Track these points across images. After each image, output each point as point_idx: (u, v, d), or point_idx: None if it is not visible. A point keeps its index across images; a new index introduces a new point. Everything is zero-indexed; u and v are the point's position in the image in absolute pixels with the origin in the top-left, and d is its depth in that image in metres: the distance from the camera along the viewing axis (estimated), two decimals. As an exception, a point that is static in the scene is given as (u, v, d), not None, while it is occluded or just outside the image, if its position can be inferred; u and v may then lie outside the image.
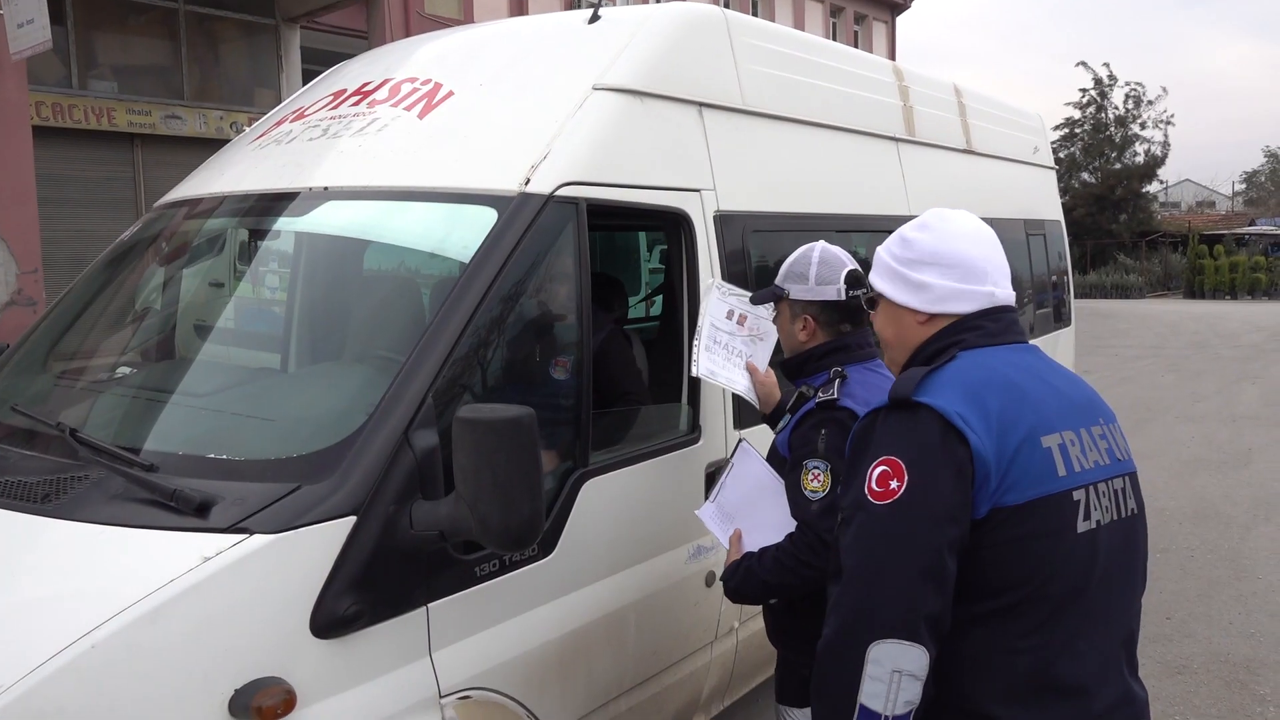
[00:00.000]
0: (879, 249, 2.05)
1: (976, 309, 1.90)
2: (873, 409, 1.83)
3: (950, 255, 1.92)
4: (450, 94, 3.20)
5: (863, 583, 1.70)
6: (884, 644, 1.64)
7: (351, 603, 2.18)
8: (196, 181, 3.63)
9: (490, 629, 2.54)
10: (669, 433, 3.25)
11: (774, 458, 2.76)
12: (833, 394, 2.59)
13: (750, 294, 3.09)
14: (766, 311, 3.03)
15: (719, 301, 3.07)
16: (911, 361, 1.95)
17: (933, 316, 1.93)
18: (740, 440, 2.81)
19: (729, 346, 3.05)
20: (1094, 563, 1.75)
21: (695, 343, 3.01)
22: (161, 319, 3.47)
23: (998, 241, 1.98)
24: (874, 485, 1.72)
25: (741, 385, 3.04)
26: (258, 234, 3.36)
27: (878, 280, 2.02)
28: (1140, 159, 39.62)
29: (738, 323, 3.08)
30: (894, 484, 1.70)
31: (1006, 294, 1.94)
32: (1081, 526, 1.74)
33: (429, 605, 2.37)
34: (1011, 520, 1.69)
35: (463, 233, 2.75)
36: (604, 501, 2.86)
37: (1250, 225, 43.17)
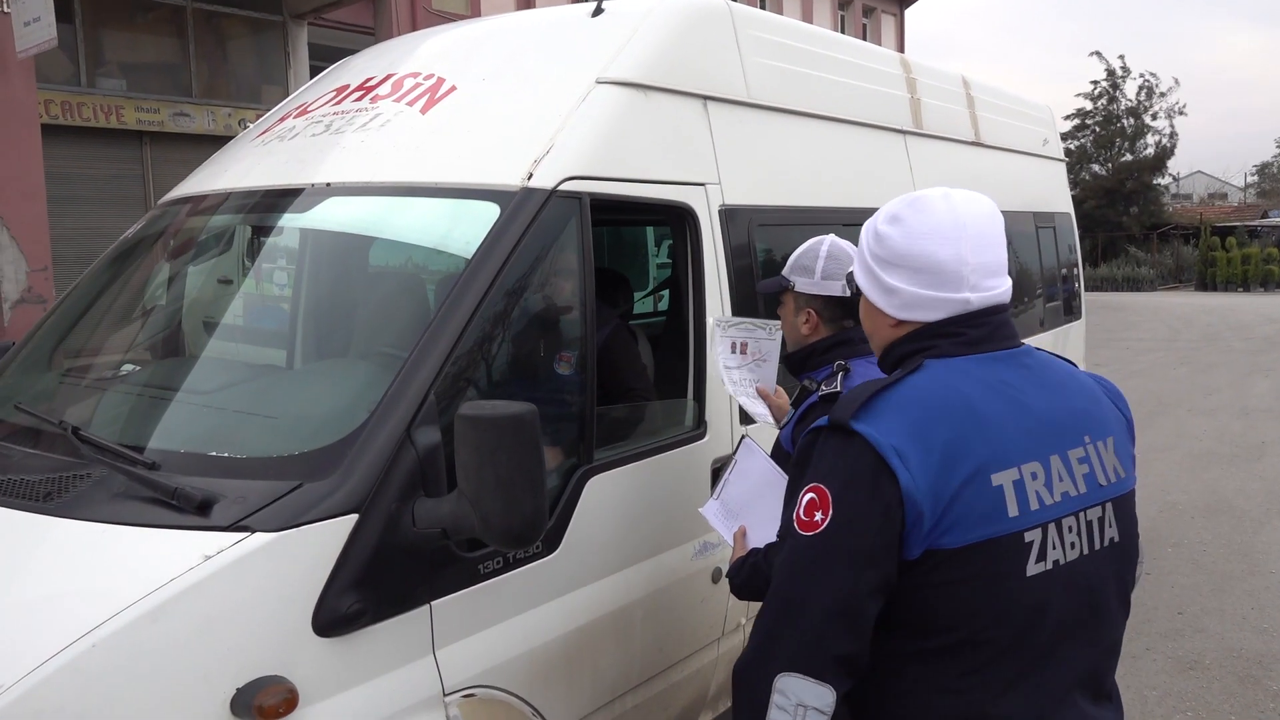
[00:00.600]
0: (861, 231, 1.90)
1: (947, 316, 1.73)
2: (815, 426, 1.72)
3: (919, 258, 1.73)
4: (453, 89, 3.19)
5: (777, 613, 1.65)
6: (790, 677, 1.59)
7: (354, 601, 2.17)
8: (200, 178, 3.62)
9: (494, 627, 2.53)
10: (674, 429, 3.23)
11: (778, 453, 2.74)
12: (836, 387, 2.57)
13: (745, 320, 3.07)
14: (765, 333, 3.01)
15: (721, 339, 3.01)
16: (884, 360, 1.85)
17: (902, 320, 1.79)
18: (743, 436, 2.80)
19: (742, 380, 3.02)
20: (1047, 606, 1.63)
21: (732, 395, 2.96)
22: (165, 316, 3.47)
23: (989, 229, 1.76)
24: (802, 513, 1.64)
25: (768, 418, 3.00)
26: (261, 231, 3.35)
27: (856, 271, 1.90)
28: (1151, 151, 39.41)
29: (741, 353, 3.06)
30: (819, 516, 1.61)
31: (987, 297, 1.73)
32: (1033, 569, 1.61)
33: (432, 603, 2.36)
34: (950, 563, 1.58)
35: (465, 228, 2.74)
36: (608, 498, 2.84)
37: (1263, 217, 42.89)
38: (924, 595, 1.60)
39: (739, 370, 3.02)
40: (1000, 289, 1.76)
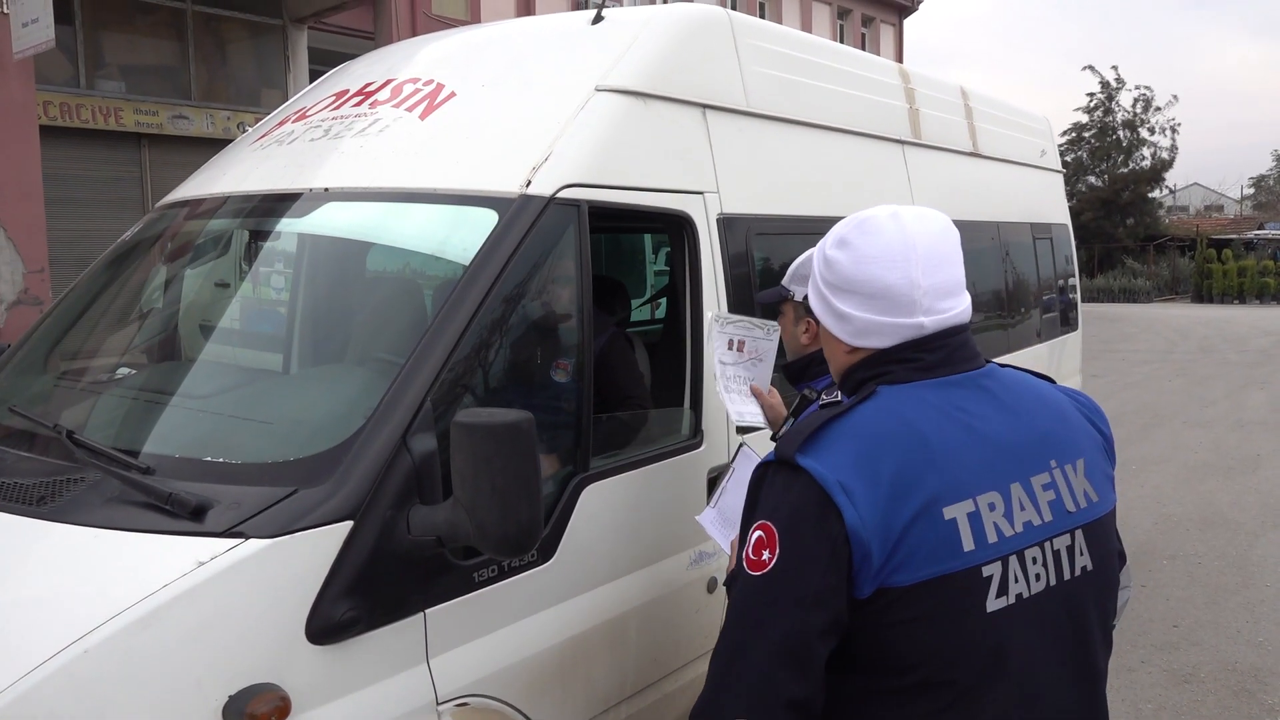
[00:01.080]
0: (815, 250, 1.84)
1: (901, 341, 1.67)
2: (764, 460, 1.66)
3: (868, 284, 1.66)
4: (452, 95, 3.18)
5: (727, 657, 1.57)
6: None
7: (348, 608, 2.16)
8: (198, 182, 3.62)
9: (489, 635, 2.52)
10: (671, 437, 3.22)
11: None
12: (836, 396, 2.57)
13: (744, 318, 3.07)
14: (763, 333, 3.01)
15: (719, 335, 3.01)
16: (842, 386, 1.81)
17: (855, 347, 1.73)
18: (741, 444, 2.79)
19: (736, 378, 3.02)
20: (1010, 643, 1.56)
21: (718, 391, 2.96)
22: (162, 320, 3.46)
23: (941, 248, 1.68)
24: (750, 552, 1.57)
25: (761, 419, 3.00)
26: (258, 235, 3.34)
27: (810, 295, 1.83)
28: (1147, 163, 39.52)
29: (738, 350, 3.05)
30: (766, 554, 1.54)
31: (941, 319, 1.66)
32: (993, 605, 1.54)
33: (426, 611, 2.35)
34: (903, 601, 1.51)
35: (463, 235, 2.73)
36: (604, 507, 2.84)
37: (1259, 229, 43.03)
38: (880, 634, 1.54)
39: (734, 367, 3.01)
40: (956, 310, 1.69)
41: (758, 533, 1.58)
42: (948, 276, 1.69)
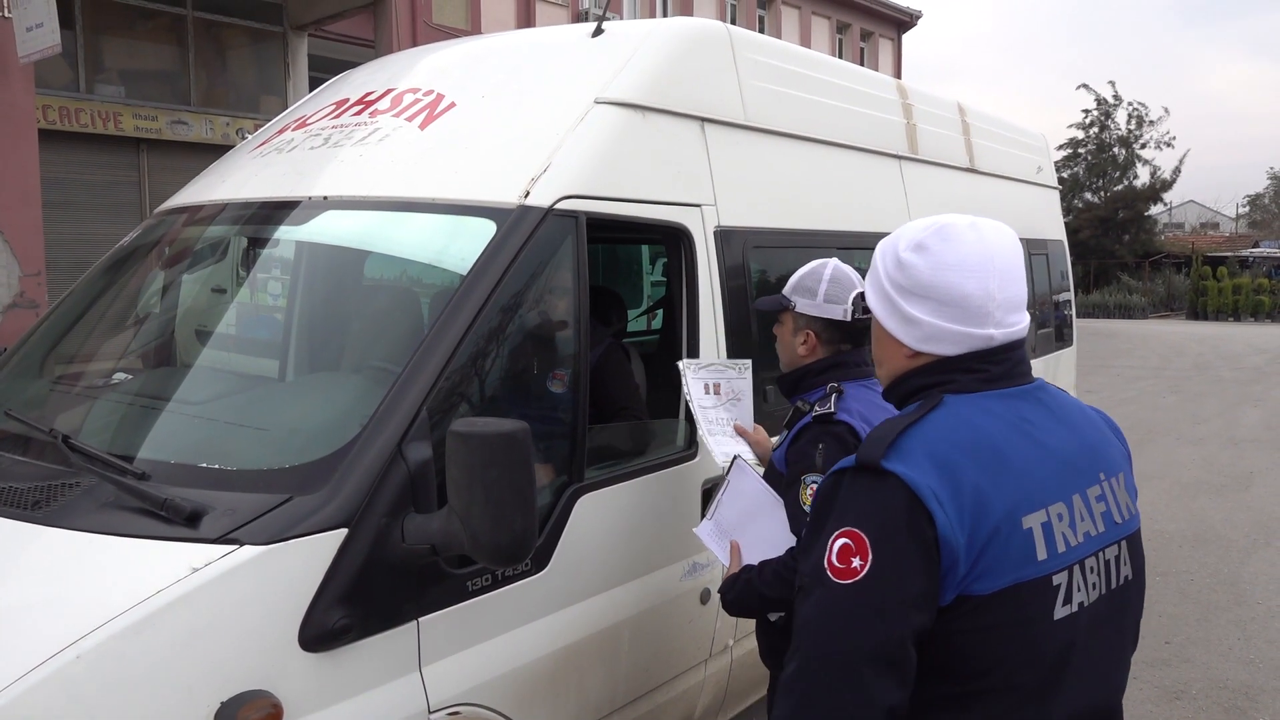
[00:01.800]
0: (876, 253, 1.82)
1: (968, 351, 1.67)
2: (839, 468, 1.64)
3: (945, 290, 1.66)
4: (452, 105, 3.20)
5: (821, 668, 1.54)
6: None
7: (341, 616, 2.16)
8: (197, 188, 3.63)
9: (481, 644, 2.52)
10: (665, 449, 3.23)
11: (771, 473, 2.75)
12: (830, 408, 2.59)
13: (713, 360, 3.08)
14: (735, 372, 3.02)
15: (693, 381, 3.00)
16: (894, 389, 1.79)
17: (918, 352, 1.72)
18: (735, 457, 2.80)
19: (718, 421, 3.02)
20: (1071, 649, 1.60)
21: (700, 437, 2.95)
22: (159, 326, 3.46)
23: (1014, 263, 1.71)
24: (834, 560, 1.54)
25: (749, 455, 3.00)
26: (257, 242, 3.36)
27: (871, 296, 1.81)
28: (1142, 180, 39.65)
29: (715, 393, 3.05)
30: (856, 562, 1.52)
31: (1009, 333, 1.68)
32: (1060, 612, 1.58)
33: (419, 619, 2.36)
34: (980, 609, 1.53)
35: (461, 245, 2.74)
36: (599, 517, 2.84)
37: (1254, 247, 43.20)
38: (954, 641, 1.55)
39: (715, 410, 3.01)
40: (1021, 325, 1.71)
41: (843, 540, 1.55)
42: (1018, 291, 1.71)
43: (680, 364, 3.03)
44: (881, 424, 1.66)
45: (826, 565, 1.56)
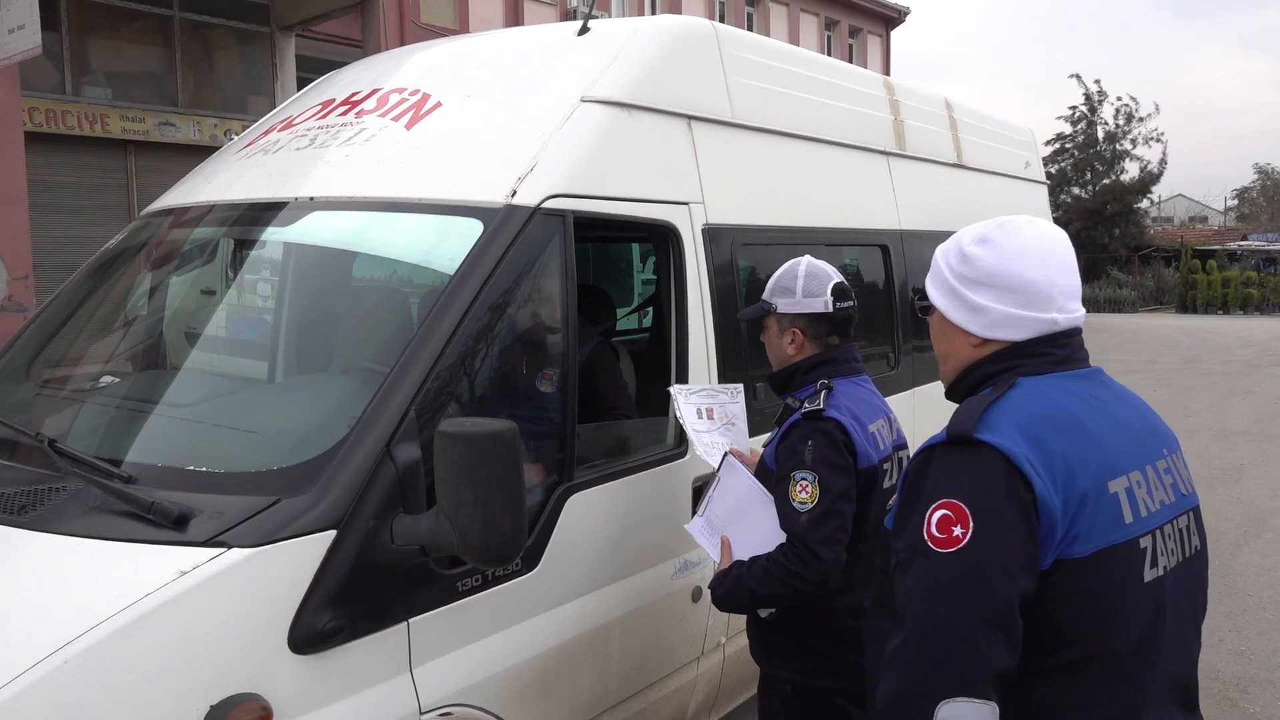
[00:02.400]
0: (937, 254, 1.90)
1: (1035, 335, 1.77)
2: (928, 444, 1.70)
3: (1010, 278, 1.76)
4: (438, 105, 3.19)
5: (930, 637, 1.58)
6: (954, 703, 1.54)
7: (330, 618, 2.16)
8: (183, 190, 3.62)
9: (472, 644, 2.52)
10: (655, 447, 3.23)
11: (761, 470, 2.75)
12: (819, 405, 2.60)
13: (704, 386, 3.09)
14: (727, 396, 3.03)
15: (686, 406, 3.00)
16: (961, 381, 1.85)
17: (986, 340, 1.81)
18: (725, 454, 2.80)
19: (713, 445, 3.02)
20: (1161, 612, 1.66)
21: (701, 454, 2.95)
22: (146, 328, 3.45)
23: (1070, 255, 1.82)
24: (934, 530, 1.60)
25: (746, 475, 3.00)
26: (243, 244, 3.34)
27: (934, 292, 1.89)
28: (1130, 175, 39.78)
29: (709, 418, 3.06)
30: (958, 530, 1.58)
31: (1071, 318, 1.79)
32: (1148, 575, 1.64)
33: (410, 620, 2.35)
34: (1077, 573, 1.59)
35: (448, 244, 2.74)
36: (589, 516, 2.84)
37: (1242, 240, 43.41)
38: (1050, 608, 1.59)
39: (709, 434, 3.02)
40: (1080, 312, 1.82)
41: (941, 512, 1.60)
42: (1075, 280, 1.82)
43: (672, 389, 3.04)
44: (967, 402, 1.72)
45: (926, 537, 1.61)
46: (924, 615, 1.60)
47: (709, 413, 3.05)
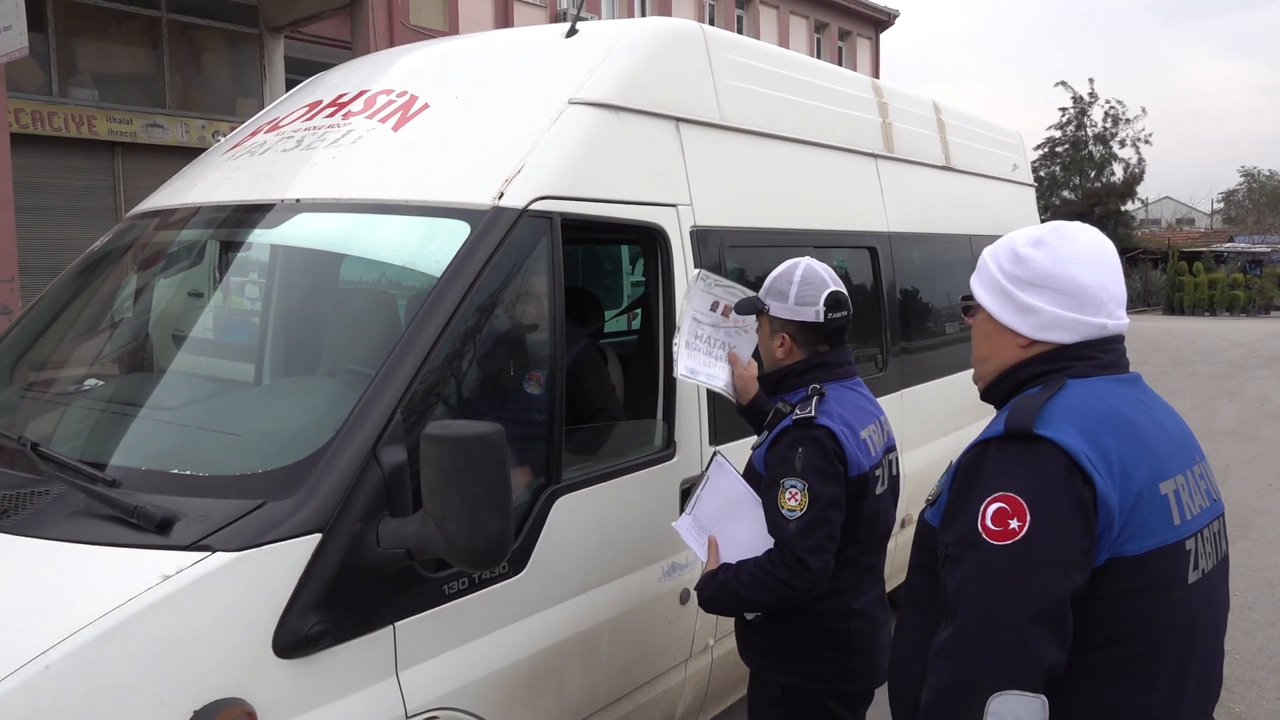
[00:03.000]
0: (985, 256, 1.91)
1: (1082, 339, 1.78)
2: (982, 439, 1.71)
3: (1065, 280, 1.77)
4: (425, 106, 3.18)
5: (982, 629, 1.58)
6: (1005, 696, 1.54)
7: (316, 622, 2.15)
8: (169, 192, 3.60)
9: (459, 648, 2.51)
10: (643, 449, 3.22)
11: (750, 473, 2.75)
12: (810, 411, 2.58)
13: (734, 283, 3.06)
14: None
15: (703, 293, 2.98)
16: (1003, 381, 1.85)
17: (1034, 341, 1.81)
18: (715, 453, 2.80)
19: (711, 339, 2.99)
20: (1199, 615, 1.69)
21: (675, 341, 2.96)
22: (131, 331, 3.43)
23: (1118, 262, 1.84)
24: (989, 523, 1.60)
25: (721, 381, 2.99)
26: (230, 246, 3.33)
27: (981, 292, 1.89)
28: (1118, 177, 39.96)
29: (722, 314, 3.03)
30: (1014, 523, 1.58)
31: (1119, 324, 1.81)
32: (1192, 577, 1.67)
33: (395, 624, 2.34)
34: (1129, 571, 1.60)
35: (435, 247, 2.73)
36: (577, 518, 2.83)
37: (1229, 243, 43.65)
38: (1101, 605, 1.60)
39: (712, 329, 2.98)
40: (1125, 320, 1.85)
41: (997, 505, 1.61)
42: (1122, 288, 1.85)
43: (698, 270, 3.03)
44: (1023, 398, 1.72)
45: (981, 529, 1.61)
46: (977, 607, 1.60)
47: (726, 310, 3.02)
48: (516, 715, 2.67)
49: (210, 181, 3.40)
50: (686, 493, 3.14)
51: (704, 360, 2.97)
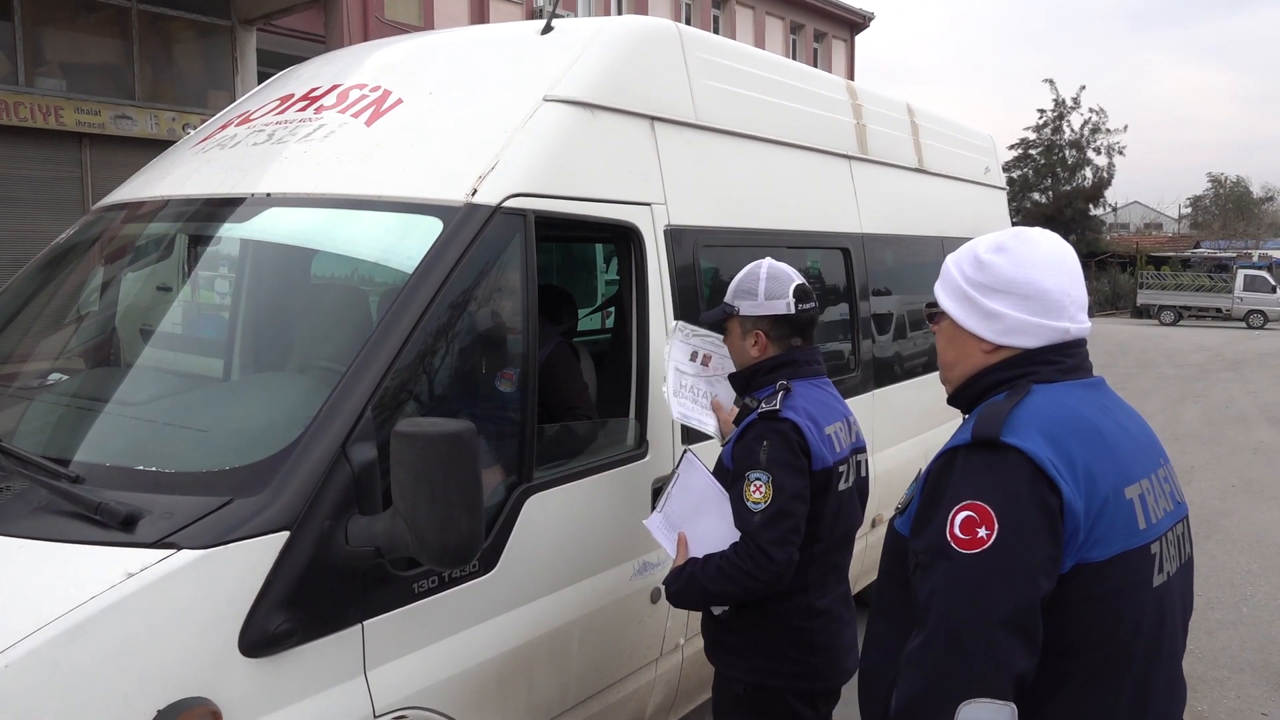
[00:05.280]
0: (948, 262, 1.91)
1: (1046, 344, 1.79)
2: (950, 447, 1.71)
3: (1027, 285, 1.78)
4: (399, 102, 3.16)
5: (952, 638, 1.59)
6: (975, 704, 1.55)
7: (283, 620, 2.12)
8: (138, 184, 3.55)
9: (428, 647, 2.49)
10: (616, 448, 3.22)
11: (720, 469, 2.76)
12: (775, 405, 2.61)
13: (709, 332, 3.10)
14: (727, 351, 3.04)
15: (681, 344, 3.04)
16: (969, 387, 1.86)
17: (999, 346, 1.82)
18: (685, 450, 2.81)
19: (694, 389, 3.05)
20: (1164, 617, 1.70)
21: (664, 389, 3.00)
22: (97, 325, 3.38)
23: (1078, 267, 1.85)
24: (958, 532, 1.61)
25: (711, 426, 3.04)
26: (198, 240, 3.29)
27: (944, 298, 1.90)
28: (1089, 181, 40.40)
29: (702, 363, 3.09)
30: (982, 532, 1.59)
31: (1081, 328, 1.82)
32: (1157, 580, 1.68)
33: (364, 623, 2.32)
34: (1095, 577, 1.61)
35: (407, 243, 2.71)
36: (548, 517, 2.83)
37: (1196, 247, 44.27)
38: (1067, 612, 1.61)
39: (695, 378, 3.03)
40: (1088, 323, 1.85)
41: (965, 513, 1.62)
42: (1083, 292, 1.85)
43: (676, 322, 3.07)
44: (988, 405, 1.73)
45: (950, 538, 1.62)
46: (946, 616, 1.61)
47: (705, 359, 3.06)
48: (486, 714, 2.66)
49: (179, 174, 3.36)
50: (658, 491, 3.14)
51: (691, 406, 3.02)
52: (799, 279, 2.83)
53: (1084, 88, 40.90)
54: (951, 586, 1.61)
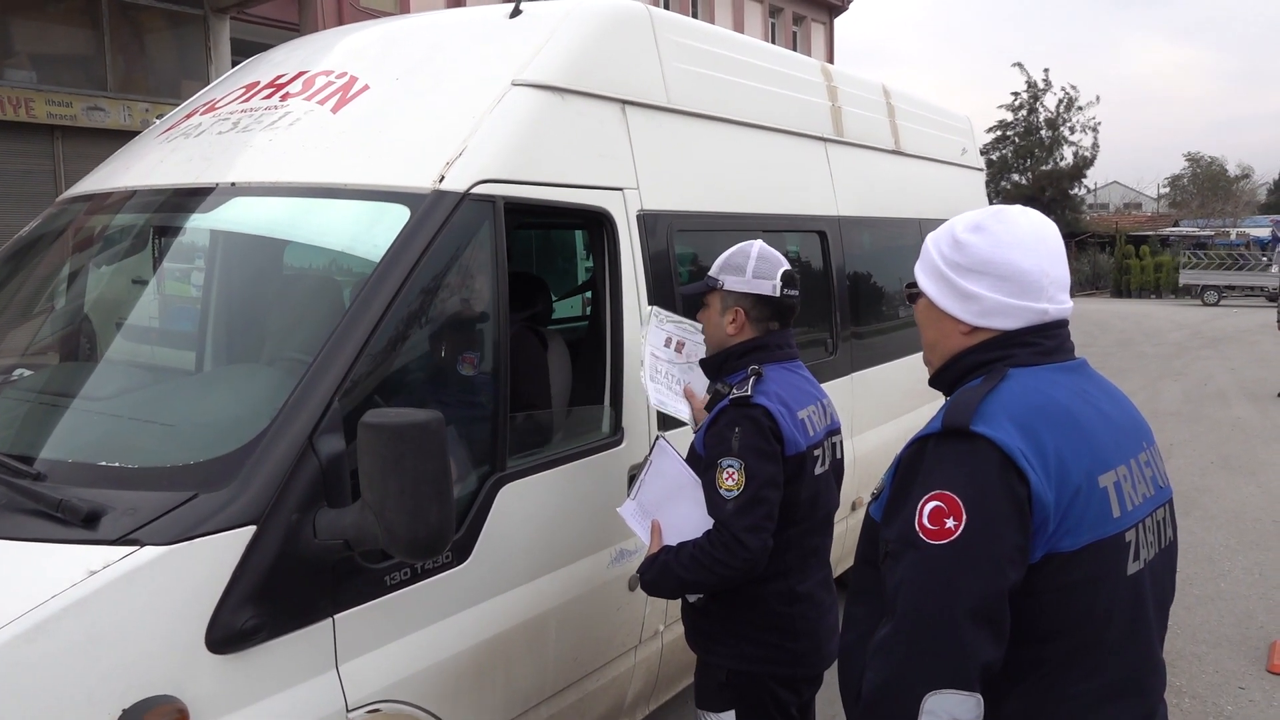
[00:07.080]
0: (927, 242, 1.88)
1: (1025, 325, 1.76)
2: (921, 435, 1.70)
3: (1004, 266, 1.75)
4: (365, 88, 3.11)
5: (919, 628, 1.58)
6: (941, 694, 1.54)
7: (251, 616, 2.10)
8: (102, 175, 3.49)
9: (401, 639, 2.47)
10: (590, 435, 3.20)
11: (693, 456, 2.74)
12: (747, 391, 2.59)
13: (684, 319, 3.08)
14: (700, 337, 3.02)
15: (657, 329, 3.03)
16: (947, 369, 1.84)
17: (976, 328, 1.79)
18: (658, 437, 2.78)
19: (669, 375, 3.04)
20: (1142, 604, 1.69)
21: (641, 375, 2.99)
22: (61, 319, 3.32)
23: (1060, 246, 1.81)
24: (926, 522, 1.60)
25: (685, 413, 3.03)
26: (164, 231, 3.23)
27: (923, 279, 1.87)
28: (1068, 161, 40.52)
29: (676, 350, 3.08)
30: (950, 522, 1.58)
31: (1061, 309, 1.78)
32: (1131, 568, 1.67)
33: (335, 616, 2.30)
34: (1066, 567, 1.60)
35: (374, 231, 2.67)
36: (522, 506, 2.80)
37: (1174, 227, 44.55)
38: (1038, 601, 1.60)
39: (669, 365, 3.02)
40: (1068, 303, 1.82)
41: (934, 503, 1.60)
42: (1064, 272, 1.81)
43: (652, 308, 3.04)
44: (961, 392, 1.71)
45: (918, 528, 1.61)
46: (914, 606, 1.60)
47: (679, 346, 3.06)
48: (462, 706, 2.64)
49: (144, 165, 3.30)
50: (633, 479, 3.12)
51: (667, 393, 3.01)
52: (787, 265, 2.82)
53: (1048, 70, 40.78)
54: (919, 577, 1.60)
